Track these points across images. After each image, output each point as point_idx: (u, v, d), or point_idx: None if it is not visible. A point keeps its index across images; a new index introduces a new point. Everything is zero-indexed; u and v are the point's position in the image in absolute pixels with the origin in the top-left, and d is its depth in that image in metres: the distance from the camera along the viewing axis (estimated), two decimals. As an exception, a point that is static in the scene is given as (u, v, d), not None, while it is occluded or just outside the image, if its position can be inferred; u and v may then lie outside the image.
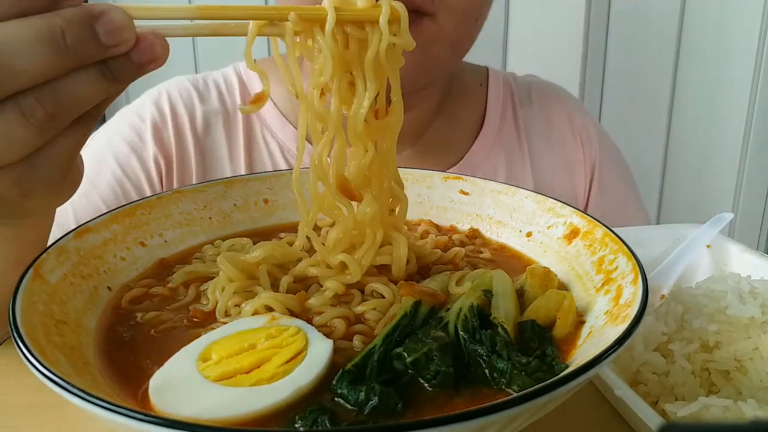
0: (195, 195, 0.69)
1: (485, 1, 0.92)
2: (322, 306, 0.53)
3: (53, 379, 0.37)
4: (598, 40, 2.00)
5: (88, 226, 0.58)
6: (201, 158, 1.01)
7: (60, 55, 0.42)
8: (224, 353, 0.45)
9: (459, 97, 1.10)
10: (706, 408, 0.50)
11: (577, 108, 1.17)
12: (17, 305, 0.45)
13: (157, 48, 0.45)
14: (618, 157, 1.17)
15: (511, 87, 1.14)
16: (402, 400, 0.43)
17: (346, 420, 0.41)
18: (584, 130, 1.12)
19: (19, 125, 0.44)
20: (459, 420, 0.34)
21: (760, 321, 0.56)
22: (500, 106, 1.11)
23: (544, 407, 0.39)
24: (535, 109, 1.13)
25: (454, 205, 0.72)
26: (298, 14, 0.49)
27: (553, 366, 0.46)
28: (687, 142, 2.11)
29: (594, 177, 1.11)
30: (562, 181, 1.10)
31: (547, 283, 0.56)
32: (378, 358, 0.46)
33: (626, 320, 0.44)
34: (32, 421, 0.55)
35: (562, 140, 1.11)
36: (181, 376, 0.44)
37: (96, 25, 0.43)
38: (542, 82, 1.20)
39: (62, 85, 0.44)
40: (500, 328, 0.49)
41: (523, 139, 1.10)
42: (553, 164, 1.10)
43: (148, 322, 0.53)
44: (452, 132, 1.07)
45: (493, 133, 1.08)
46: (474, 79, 1.13)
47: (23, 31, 0.41)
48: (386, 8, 0.50)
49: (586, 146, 1.11)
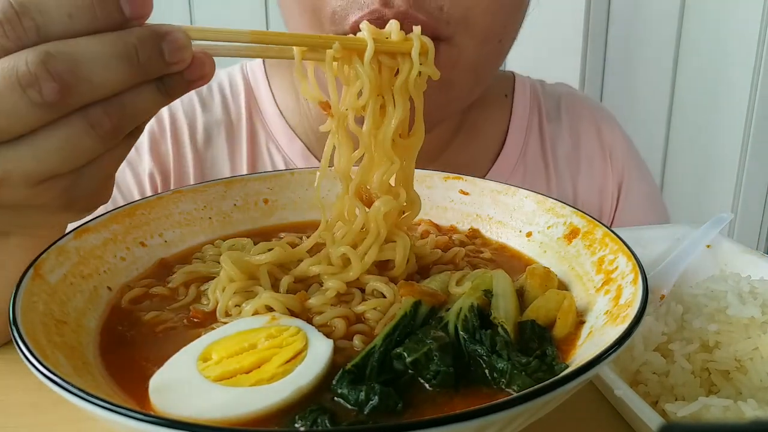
0: (195, 195, 0.69)
1: (511, 19, 0.83)
2: (323, 306, 0.53)
3: (53, 379, 0.37)
4: (597, 40, 2.01)
5: (88, 226, 0.58)
6: (200, 173, 0.96)
7: (132, 71, 0.46)
8: (224, 353, 0.45)
9: (482, 112, 1.03)
10: (706, 408, 0.50)
11: (606, 121, 1.10)
12: (17, 305, 0.45)
13: (207, 67, 0.49)
14: (646, 175, 1.12)
15: (539, 99, 1.08)
16: (402, 400, 0.43)
17: (346, 420, 0.41)
18: (613, 145, 1.07)
19: (86, 135, 0.46)
20: (459, 420, 0.34)
21: (760, 321, 0.56)
22: (525, 123, 1.05)
23: (545, 407, 0.39)
24: (563, 125, 1.07)
25: (454, 205, 0.72)
26: (341, 43, 0.54)
27: (553, 366, 0.46)
28: (687, 142, 2.11)
29: (620, 194, 1.07)
30: (587, 201, 1.05)
31: (547, 283, 0.56)
32: (378, 358, 0.46)
33: (626, 320, 0.44)
34: (32, 421, 0.55)
35: (591, 159, 1.06)
36: (181, 376, 0.44)
37: (162, 44, 0.46)
38: (572, 92, 1.13)
39: (128, 98, 0.47)
40: (500, 328, 0.49)
41: (549, 157, 1.04)
42: (580, 184, 1.05)
43: (148, 322, 0.53)
44: (473, 151, 1.01)
45: (516, 152, 1.02)
46: (499, 90, 1.07)
47: (102, 47, 0.45)
48: (417, 42, 0.57)
49: (615, 163, 1.07)
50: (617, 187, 1.07)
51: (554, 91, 1.11)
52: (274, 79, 1.01)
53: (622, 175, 1.07)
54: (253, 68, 1.03)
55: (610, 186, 1.07)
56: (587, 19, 1.97)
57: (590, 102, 1.13)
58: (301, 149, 0.97)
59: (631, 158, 1.09)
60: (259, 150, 0.98)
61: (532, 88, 1.09)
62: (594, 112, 1.10)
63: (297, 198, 0.73)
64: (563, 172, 1.05)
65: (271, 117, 0.99)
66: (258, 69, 1.03)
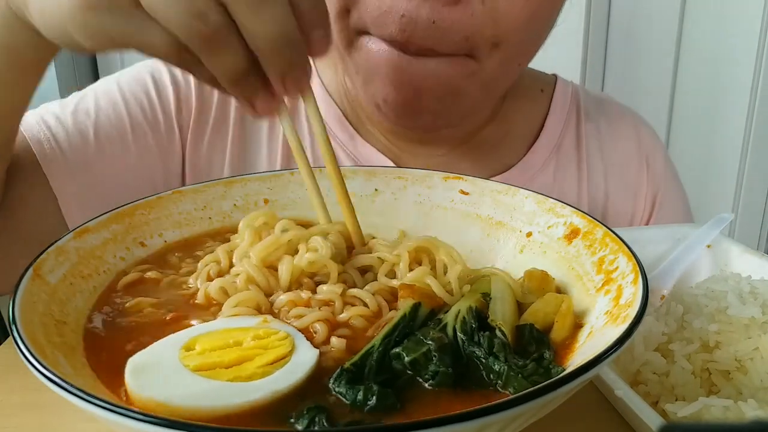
0: (195, 195, 0.69)
1: (536, 47, 0.86)
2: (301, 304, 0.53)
3: (53, 379, 0.37)
4: (597, 40, 2.01)
5: (88, 226, 0.58)
6: (240, 125, 0.95)
7: None
8: (208, 346, 0.46)
9: (514, 103, 1.03)
10: (706, 408, 0.50)
11: (648, 133, 1.09)
12: (17, 305, 0.45)
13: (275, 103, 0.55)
14: (681, 189, 1.10)
15: (578, 98, 1.07)
16: (400, 400, 0.43)
17: (343, 419, 0.41)
18: (652, 157, 1.06)
19: None
20: (460, 420, 0.34)
21: (760, 321, 0.56)
22: (563, 118, 1.03)
23: (546, 407, 0.39)
24: (602, 126, 1.06)
25: (454, 204, 0.72)
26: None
27: (549, 369, 0.46)
28: (687, 142, 2.11)
29: (655, 205, 1.05)
30: (618, 202, 1.03)
31: (545, 286, 0.56)
32: (377, 357, 0.46)
33: (626, 320, 0.44)
34: (32, 421, 0.55)
35: (627, 163, 1.05)
36: (160, 361, 0.44)
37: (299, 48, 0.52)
38: (614, 99, 1.13)
39: None
40: (498, 330, 0.49)
41: (583, 155, 1.03)
42: (612, 185, 1.03)
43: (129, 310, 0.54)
44: (503, 137, 1.01)
45: (550, 146, 1.01)
46: (534, 85, 1.06)
47: None
48: None
49: (651, 174, 1.05)
50: (653, 196, 1.05)
51: (596, 96, 1.11)
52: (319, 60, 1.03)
53: (659, 185, 1.06)
54: None
55: (645, 192, 1.05)
56: (587, 20, 1.97)
57: (632, 111, 1.12)
58: (337, 115, 0.98)
59: (669, 170, 1.08)
60: (299, 113, 0.99)
61: (574, 88, 1.09)
62: (635, 120, 1.10)
63: (297, 198, 0.73)
64: (596, 171, 1.03)
65: (313, 86, 1.01)
66: None
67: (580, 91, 1.09)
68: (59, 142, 0.84)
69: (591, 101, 1.08)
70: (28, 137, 0.84)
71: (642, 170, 1.05)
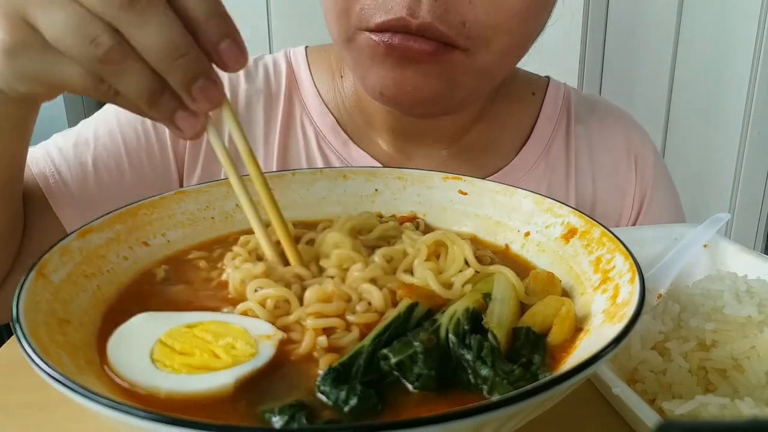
0: (197, 195, 0.69)
1: (530, 42, 0.87)
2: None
3: (57, 377, 0.37)
4: (596, 39, 2.01)
5: (92, 226, 0.59)
6: None
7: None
8: (186, 345, 0.47)
9: (505, 105, 1.05)
10: (703, 406, 0.50)
11: (637, 131, 1.10)
12: (20, 304, 0.45)
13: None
14: (673, 195, 1.11)
15: (570, 100, 1.09)
16: (384, 400, 0.43)
17: (323, 418, 0.41)
18: (641, 157, 1.07)
19: None
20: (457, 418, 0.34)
21: (756, 320, 0.57)
22: (554, 120, 1.05)
23: (542, 405, 0.40)
24: (592, 127, 1.07)
25: (453, 205, 0.73)
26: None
27: (537, 375, 0.45)
28: (684, 142, 2.11)
29: (642, 209, 1.07)
30: (606, 201, 1.05)
31: (550, 287, 0.56)
32: (366, 357, 0.45)
33: (623, 319, 0.44)
34: (33, 420, 0.55)
35: (616, 163, 1.06)
36: (136, 344, 0.47)
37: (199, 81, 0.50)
38: (607, 101, 1.14)
39: None
40: (490, 334, 0.48)
41: (572, 155, 1.04)
42: (600, 184, 1.05)
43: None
44: (493, 139, 1.03)
45: (541, 146, 1.03)
46: (526, 87, 1.08)
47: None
48: None
49: (640, 175, 1.06)
50: (641, 196, 1.07)
51: (588, 97, 1.13)
52: (314, 63, 1.06)
53: (647, 185, 1.07)
54: (295, 53, 1.08)
55: (632, 192, 1.06)
56: (585, 19, 1.97)
57: (623, 112, 1.14)
58: (332, 123, 1.01)
59: (659, 170, 1.09)
60: (294, 121, 1.02)
61: (566, 91, 1.10)
62: (626, 121, 1.11)
63: (298, 198, 0.74)
64: (584, 172, 1.05)
65: (308, 94, 1.03)
66: (300, 54, 1.08)
67: (572, 93, 1.10)
68: (62, 174, 0.88)
69: (582, 103, 1.10)
70: (34, 173, 0.87)
71: (630, 170, 1.07)
